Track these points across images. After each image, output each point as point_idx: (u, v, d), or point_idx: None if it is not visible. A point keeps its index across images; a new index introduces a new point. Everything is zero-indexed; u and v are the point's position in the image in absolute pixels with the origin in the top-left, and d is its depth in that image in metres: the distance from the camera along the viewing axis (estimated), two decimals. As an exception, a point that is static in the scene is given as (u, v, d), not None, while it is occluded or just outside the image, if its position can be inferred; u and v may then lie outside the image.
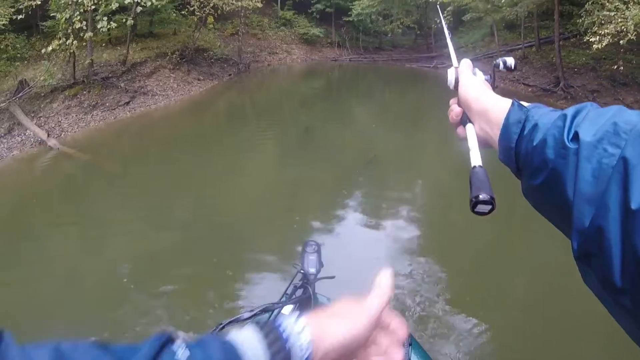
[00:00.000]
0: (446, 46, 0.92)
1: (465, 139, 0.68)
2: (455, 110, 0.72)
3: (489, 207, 0.54)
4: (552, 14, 15.05)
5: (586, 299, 0.76)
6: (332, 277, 1.65)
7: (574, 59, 14.45)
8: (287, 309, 1.47)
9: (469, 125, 0.68)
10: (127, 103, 10.22)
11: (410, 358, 1.44)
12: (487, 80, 0.74)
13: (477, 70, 0.76)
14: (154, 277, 4.07)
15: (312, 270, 1.59)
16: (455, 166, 7.95)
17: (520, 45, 17.49)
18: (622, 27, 8.90)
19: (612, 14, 9.20)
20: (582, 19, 11.26)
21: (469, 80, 0.71)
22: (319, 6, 21.33)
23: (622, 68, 10.83)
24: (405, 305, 3.61)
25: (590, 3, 10.81)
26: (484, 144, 0.66)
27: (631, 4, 8.95)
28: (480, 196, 0.53)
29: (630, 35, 8.83)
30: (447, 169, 7.16)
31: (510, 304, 3.90)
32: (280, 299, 1.59)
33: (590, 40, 9.93)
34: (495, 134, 0.59)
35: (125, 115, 9.76)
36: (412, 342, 1.44)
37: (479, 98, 0.67)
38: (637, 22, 8.66)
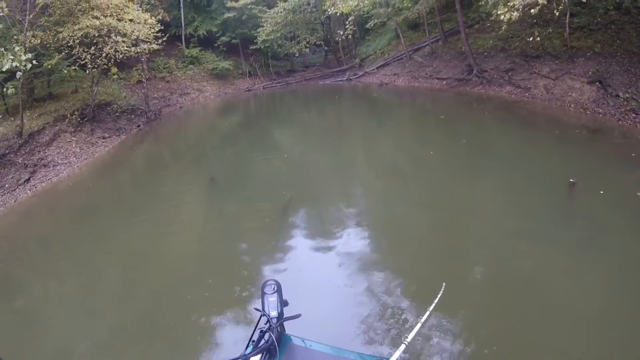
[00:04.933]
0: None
1: None
2: None
3: None
4: (453, 6, 15.45)
5: None
6: (298, 316, 1.55)
7: (482, 44, 14.63)
8: (255, 359, 1.36)
9: None
10: (28, 180, 9.50)
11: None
12: None
13: None
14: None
15: (274, 313, 1.49)
16: (382, 170, 8.27)
17: (427, 42, 17.83)
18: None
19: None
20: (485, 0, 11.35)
21: None
22: (224, 39, 21.31)
23: (538, 38, 10.92)
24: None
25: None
26: None
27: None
28: None
29: (541, 0, 8.54)
30: (370, 178, 7.48)
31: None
32: (246, 348, 1.48)
33: (500, 15, 9.72)
34: None
35: (27, 195, 9.01)
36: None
37: None
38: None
